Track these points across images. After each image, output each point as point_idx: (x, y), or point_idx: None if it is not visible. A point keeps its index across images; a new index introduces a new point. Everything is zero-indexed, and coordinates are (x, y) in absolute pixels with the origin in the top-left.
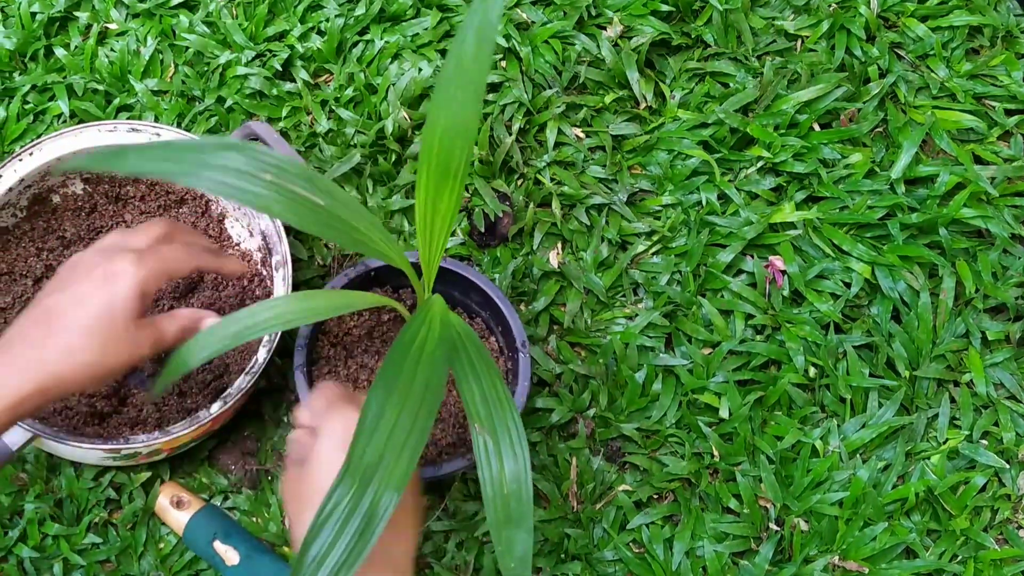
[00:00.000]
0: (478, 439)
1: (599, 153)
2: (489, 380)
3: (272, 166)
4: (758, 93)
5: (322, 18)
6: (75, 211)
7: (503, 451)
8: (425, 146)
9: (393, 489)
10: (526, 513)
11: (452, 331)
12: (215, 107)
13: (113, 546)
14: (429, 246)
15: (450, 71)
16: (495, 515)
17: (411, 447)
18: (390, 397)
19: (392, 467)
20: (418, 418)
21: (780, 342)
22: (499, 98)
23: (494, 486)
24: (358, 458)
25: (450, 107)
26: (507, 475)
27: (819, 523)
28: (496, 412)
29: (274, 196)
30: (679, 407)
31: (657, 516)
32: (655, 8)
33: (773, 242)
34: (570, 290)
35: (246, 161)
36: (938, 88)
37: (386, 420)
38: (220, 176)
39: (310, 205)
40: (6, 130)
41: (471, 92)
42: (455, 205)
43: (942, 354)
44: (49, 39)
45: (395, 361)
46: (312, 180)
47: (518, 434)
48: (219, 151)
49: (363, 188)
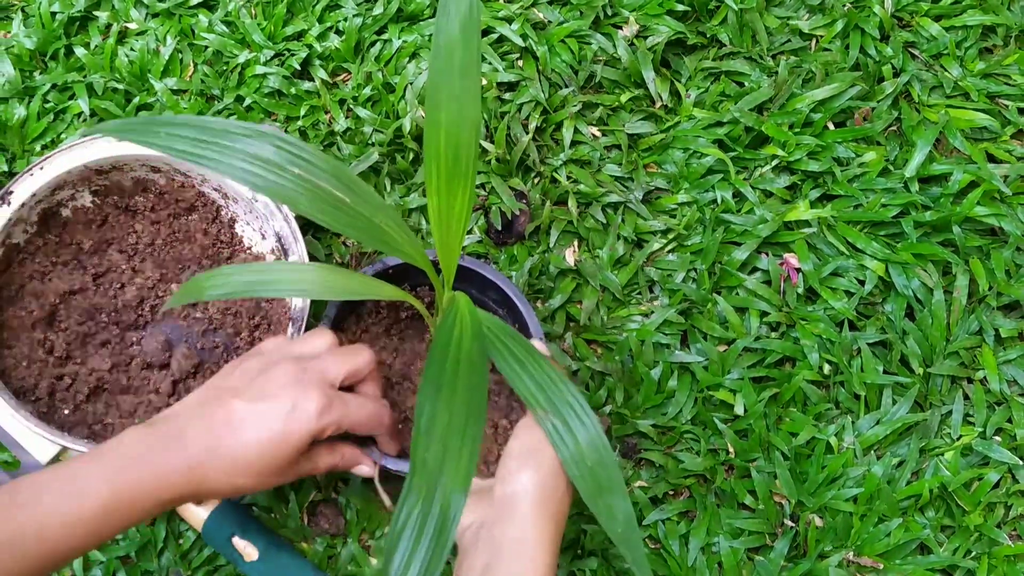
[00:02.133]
0: (545, 424)
1: (615, 151)
2: (535, 364)
3: (301, 159)
4: (773, 92)
5: (340, 18)
6: (86, 224)
7: (573, 427)
8: (430, 147)
9: (460, 491)
10: (615, 478)
11: (483, 327)
12: (234, 106)
13: (132, 542)
14: (447, 245)
15: (440, 65)
16: (587, 488)
17: (468, 445)
18: (439, 399)
19: (455, 468)
20: (469, 416)
21: (795, 339)
22: (516, 97)
23: (577, 463)
24: (421, 463)
25: (449, 104)
26: (584, 449)
27: (834, 519)
28: (553, 392)
29: (301, 190)
30: (694, 404)
31: (673, 512)
32: (671, 8)
33: (788, 240)
34: (586, 287)
35: (275, 152)
36: (952, 87)
37: (439, 422)
38: (248, 165)
39: (335, 201)
40: (27, 129)
41: (469, 81)
42: (469, 202)
43: (956, 351)
44: (69, 38)
45: (437, 362)
46: (339, 175)
47: (581, 406)
48: (249, 138)
49: (381, 186)
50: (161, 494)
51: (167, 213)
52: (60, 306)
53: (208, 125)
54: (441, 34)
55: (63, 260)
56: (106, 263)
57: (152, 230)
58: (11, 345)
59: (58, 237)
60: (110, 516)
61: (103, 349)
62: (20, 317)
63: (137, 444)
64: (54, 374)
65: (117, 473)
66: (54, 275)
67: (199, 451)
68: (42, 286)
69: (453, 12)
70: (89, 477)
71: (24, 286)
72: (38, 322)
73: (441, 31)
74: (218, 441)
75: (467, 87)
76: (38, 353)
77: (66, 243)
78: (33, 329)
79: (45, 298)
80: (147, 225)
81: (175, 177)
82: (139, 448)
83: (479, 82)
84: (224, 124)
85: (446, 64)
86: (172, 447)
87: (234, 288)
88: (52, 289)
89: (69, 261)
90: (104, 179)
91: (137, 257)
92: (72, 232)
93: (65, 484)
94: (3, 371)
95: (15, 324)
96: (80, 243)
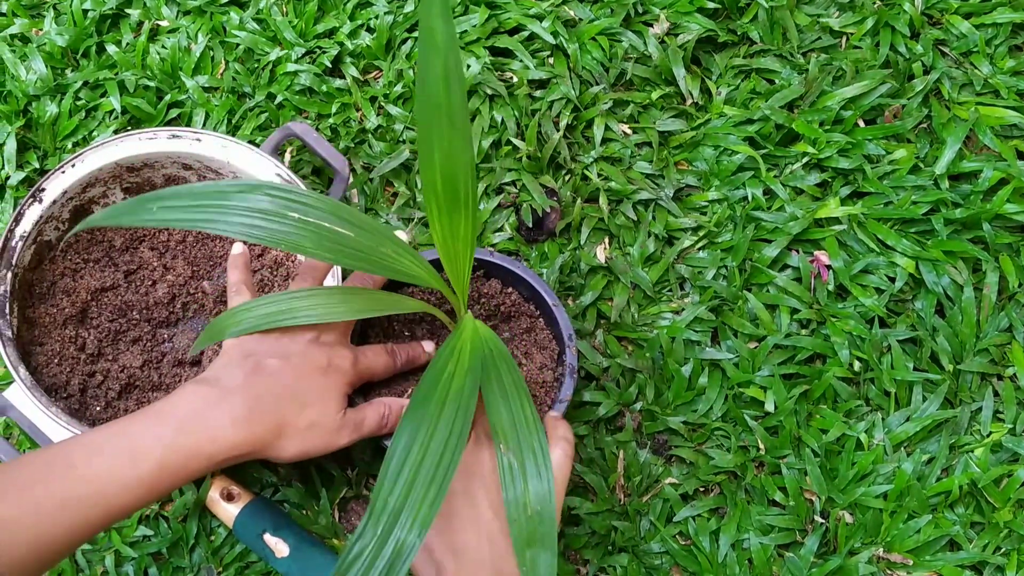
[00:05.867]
0: (503, 459)
1: (646, 149)
2: (518, 401)
3: (297, 203)
4: (803, 90)
5: (371, 15)
6: None
7: (528, 472)
8: (427, 183)
9: (418, 530)
10: (550, 534)
11: (485, 348)
12: (265, 104)
13: (164, 538)
14: (455, 272)
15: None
16: (519, 535)
17: (433, 494)
18: (416, 438)
19: (418, 507)
20: (441, 464)
21: (825, 336)
22: (547, 95)
23: (518, 507)
24: (382, 504)
25: (440, 145)
26: (531, 496)
27: (864, 515)
28: (523, 433)
29: (303, 234)
30: (725, 400)
31: (703, 508)
32: (701, 5)
33: (818, 237)
34: (617, 285)
35: (271, 201)
36: (982, 85)
37: (412, 459)
38: (246, 219)
39: (337, 238)
40: (59, 126)
41: (457, 128)
42: (473, 230)
43: (986, 348)
44: (101, 36)
45: (421, 402)
46: (337, 212)
47: (544, 456)
48: (242, 194)
49: (411, 184)
50: (214, 453)
51: None
52: (92, 303)
53: (200, 190)
54: (425, 85)
55: (94, 257)
56: (137, 260)
57: (183, 227)
58: (43, 342)
59: (89, 234)
60: (164, 475)
61: (134, 346)
62: (52, 314)
63: (192, 401)
64: (86, 371)
65: (172, 434)
66: (86, 272)
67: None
68: (74, 283)
69: (436, 68)
70: (145, 437)
71: (56, 283)
72: (70, 319)
73: (424, 82)
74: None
75: (457, 133)
76: (70, 350)
77: (97, 240)
78: (65, 326)
79: (77, 295)
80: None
81: (206, 175)
82: (194, 405)
83: (469, 128)
84: (215, 186)
85: (434, 115)
86: (225, 404)
87: (255, 324)
88: (84, 286)
89: (100, 258)
90: (135, 176)
91: (168, 254)
92: (103, 229)
93: (120, 445)
94: (35, 368)
95: (47, 321)
96: (111, 240)
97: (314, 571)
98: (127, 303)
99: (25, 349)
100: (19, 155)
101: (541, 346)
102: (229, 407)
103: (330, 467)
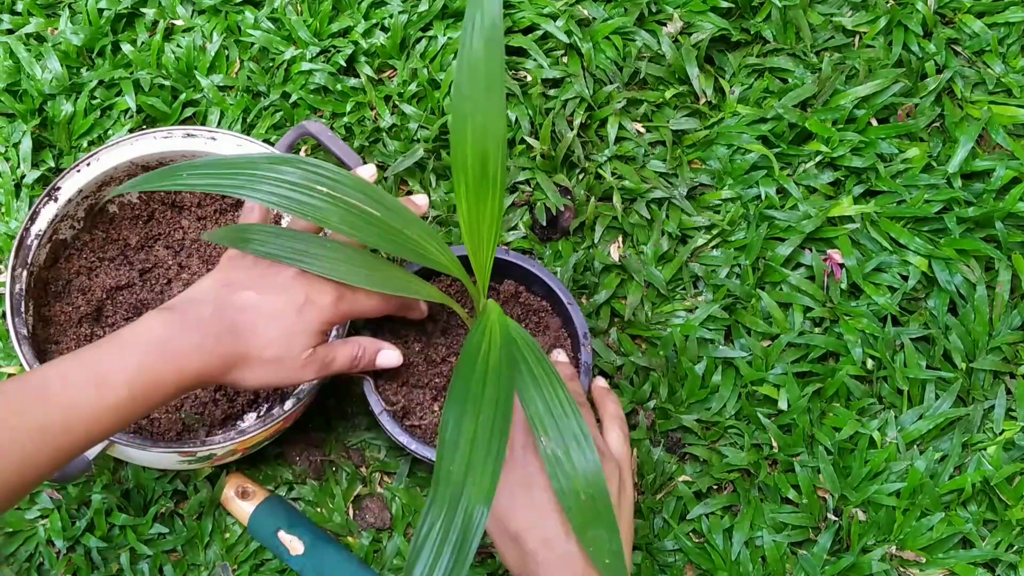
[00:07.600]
0: (546, 451)
1: (659, 148)
2: (551, 388)
3: (326, 178)
4: (816, 88)
5: (386, 15)
6: (133, 220)
7: (574, 459)
8: (457, 159)
9: (483, 503)
10: (606, 512)
11: (511, 336)
12: (280, 102)
13: (179, 536)
14: (479, 253)
15: (463, 78)
16: (577, 521)
17: (493, 459)
18: (465, 411)
19: (479, 480)
20: (494, 430)
21: (838, 334)
22: (560, 93)
23: (570, 495)
24: (446, 474)
25: (474, 117)
26: (581, 481)
27: (876, 513)
28: (561, 421)
29: (330, 208)
30: (738, 399)
31: (717, 506)
32: (714, 4)
33: (831, 236)
34: (631, 283)
35: (301, 174)
36: (994, 84)
37: (465, 434)
38: (275, 189)
39: (365, 216)
40: (74, 125)
41: (493, 94)
42: (500, 210)
43: (998, 346)
44: (116, 35)
45: (464, 375)
46: (365, 190)
47: (586, 439)
48: (273, 165)
49: (426, 183)
50: (182, 378)
51: (213, 209)
52: (107, 301)
53: (231, 160)
54: (465, 49)
55: (110, 256)
56: (153, 259)
57: (199, 226)
58: (58, 340)
59: (105, 233)
60: (135, 401)
61: None
62: (67, 312)
63: (157, 329)
64: None
65: (140, 359)
66: (101, 271)
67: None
68: (89, 282)
69: (477, 27)
70: (112, 365)
71: (71, 282)
72: (85, 317)
73: (465, 46)
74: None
75: (492, 102)
76: None
77: (113, 239)
78: (80, 324)
79: (92, 293)
80: (193, 221)
81: None
82: (159, 333)
83: (503, 97)
84: (246, 157)
85: (470, 80)
86: (191, 332)
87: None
88: (99, 284)
89: (116, 257)
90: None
91: (183, 253)
92: (119, 228)
93: (89, 374)
94: None
95: (62, 319)
96: (127, 239)
97: (329, 569)
98: (142, 301)
99: (41, 347)
100: (34, 154)
101: (556, 344)
102: (195, 336)
103: (344, 464)
